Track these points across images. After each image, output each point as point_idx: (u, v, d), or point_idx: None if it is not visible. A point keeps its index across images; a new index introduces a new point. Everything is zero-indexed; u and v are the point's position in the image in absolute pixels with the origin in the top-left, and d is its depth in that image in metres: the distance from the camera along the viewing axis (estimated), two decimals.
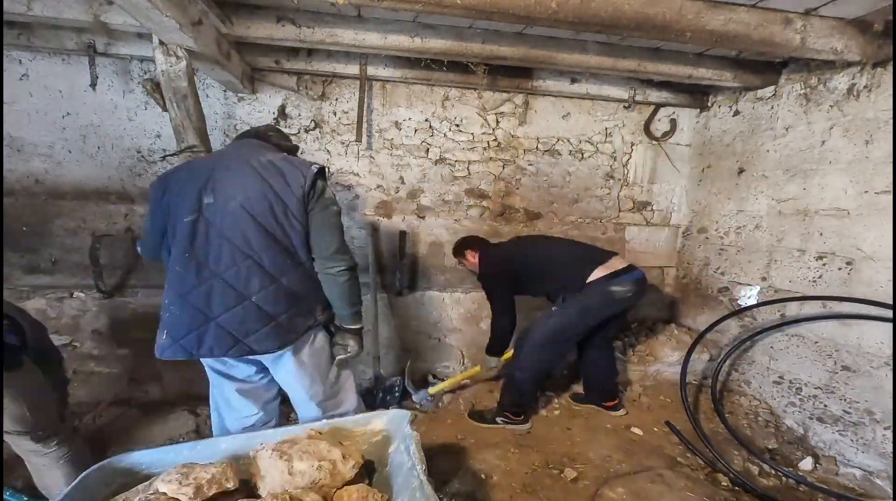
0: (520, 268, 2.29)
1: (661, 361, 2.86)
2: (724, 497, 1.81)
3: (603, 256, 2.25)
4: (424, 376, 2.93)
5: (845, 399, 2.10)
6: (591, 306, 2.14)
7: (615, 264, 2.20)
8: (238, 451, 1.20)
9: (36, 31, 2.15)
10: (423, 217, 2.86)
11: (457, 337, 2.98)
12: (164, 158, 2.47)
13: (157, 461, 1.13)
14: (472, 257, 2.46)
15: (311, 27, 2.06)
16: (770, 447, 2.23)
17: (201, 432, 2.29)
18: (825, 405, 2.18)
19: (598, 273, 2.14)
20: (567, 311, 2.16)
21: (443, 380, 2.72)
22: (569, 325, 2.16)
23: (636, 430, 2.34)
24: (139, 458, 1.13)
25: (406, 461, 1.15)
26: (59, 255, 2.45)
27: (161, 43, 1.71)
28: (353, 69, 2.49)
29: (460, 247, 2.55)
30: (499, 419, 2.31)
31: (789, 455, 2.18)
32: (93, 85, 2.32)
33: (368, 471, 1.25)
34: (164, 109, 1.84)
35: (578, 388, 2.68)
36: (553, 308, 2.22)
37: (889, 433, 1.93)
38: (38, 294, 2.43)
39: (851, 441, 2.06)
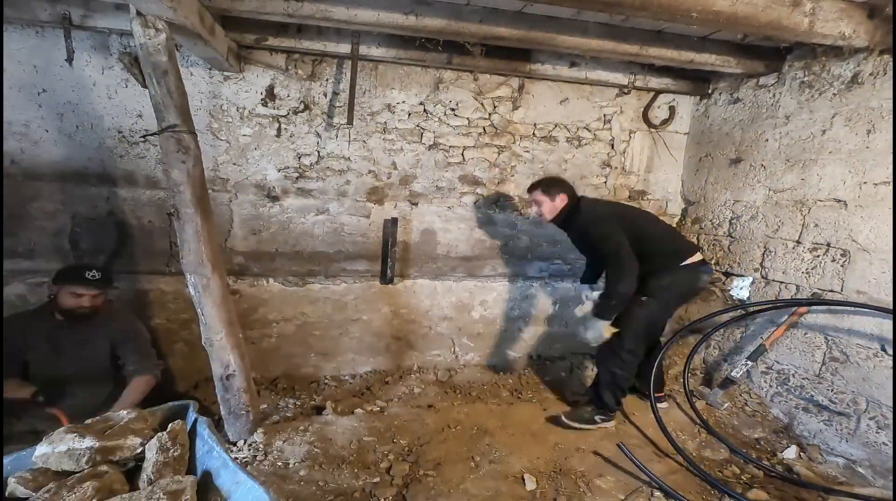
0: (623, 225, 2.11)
1: None
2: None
3: (694, 246, 2.26)
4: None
5: (832, 389, 2.12)
6: (684, 292, 2.18)
7: (699, 255, 2.22)
8: None
9: None
10: (415, 204, 2.80)
11: (448, 326, 2.97)
12: (144, 138, 2.37)
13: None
14: (561, 201, 2.19)
15: (301, 1, 1.95)
16: (756, 436, 2.26)
17: None
18: (811, 395, 2.21)
19: (694, 258, 2.17)
20: (664, 298, 2.12)
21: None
22: (661, 314, 2.18)
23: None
24: None
25: (202, 446, 1.19)
26: (37, 239, 2.37)
27: (139, 14, 1.60)
28: (345, 48, 2.39)
29: (550, 185, 2.21)
30: (598, 418, 2.17)
31: (774, 443, 2.21)
32: (69, 60, 2.20)
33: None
34: (144, 85, 1.73)
35: None
36: (643, 298, 2.10)
37: (873, 423, 1.95)
38: (17, 279, 2.36)
39: (836, 430, 2.09)
